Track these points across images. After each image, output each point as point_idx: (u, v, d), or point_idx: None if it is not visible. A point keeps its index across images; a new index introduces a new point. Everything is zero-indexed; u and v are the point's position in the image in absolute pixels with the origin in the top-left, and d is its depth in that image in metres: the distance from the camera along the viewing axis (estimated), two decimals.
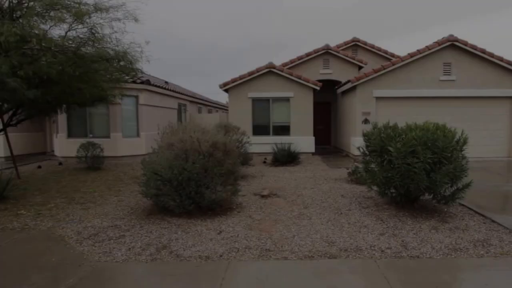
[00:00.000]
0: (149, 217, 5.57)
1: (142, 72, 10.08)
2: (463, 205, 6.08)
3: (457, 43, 11.81)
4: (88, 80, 7.79)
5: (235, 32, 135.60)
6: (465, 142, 5.48)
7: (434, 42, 12.01)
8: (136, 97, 12.79)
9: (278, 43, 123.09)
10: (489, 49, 11.90)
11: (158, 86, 14.22)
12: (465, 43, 11.80)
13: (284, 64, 15.38)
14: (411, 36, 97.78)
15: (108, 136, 12.47)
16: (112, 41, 7.54)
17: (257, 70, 13.78)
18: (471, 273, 3.71)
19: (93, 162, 10.59)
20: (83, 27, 7.20)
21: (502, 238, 4.55)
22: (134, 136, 12.97)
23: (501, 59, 11.92)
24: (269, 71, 13.79)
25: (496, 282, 3.43)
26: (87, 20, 7.01)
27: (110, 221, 5.47)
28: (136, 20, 7.50)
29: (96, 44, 7.39)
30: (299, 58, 15.60)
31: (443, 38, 11.97)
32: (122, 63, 7.96)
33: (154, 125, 9.46)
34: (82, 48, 7.33)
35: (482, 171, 9.79)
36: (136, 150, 12.76)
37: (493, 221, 5.25)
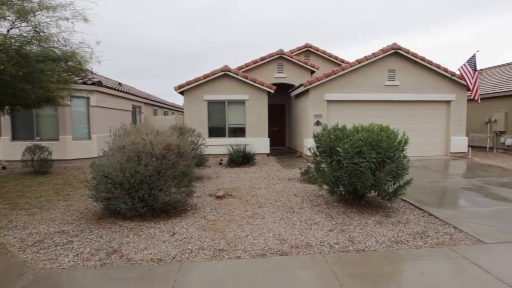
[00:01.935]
0: (99, 222, 5.43)
1: (92, 73, 9.72)
2: (405, 200, 6.57)
3: (400, 51, 12.66)
4: (33, 81, 7.37)
5: (192, 35, 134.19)
6: (406, 143, 5.91)
7: (379, 50, 12.78)
8: (87, 98, 12.26)
9: (234, 47, 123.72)
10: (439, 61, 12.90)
11: (111, 88, 13.74)
12: (407, 51, 12.68)
13: (240, 68, 15.56)
14: (360, 44, 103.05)
15: (57, 139, 11.85)
16: (59, 41, 7.21)
17: (213, 73, 13.80)
18: (410, 263, 3.98)
19: (40, 166, 10.01)
20: (27, 25, 6.82)
21: (438, 230, 4.99)
22: (85, 138, 12.43)
23: (438, 66, 12.97)
24: (224, 74, 13.88)
25: (432, 270, 3.75)
26: (32, 18, 6.66)
27: (57, 226, 5.26)
28: (85, 20, 7.25)
29: (42, 44, 7.03)
30: (254, 62, 15.85)
31: (387, 46, 12.79)
32: (70, 63, 7.63)
33: (107, 127, 9.14)
34: (26, 47, 6.94)
35: (422, 169, 10.59)
36: (88, 153, 12.25)
37: (430, 214, 5.74)
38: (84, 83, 11.77)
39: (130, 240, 4.66)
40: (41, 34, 6.96)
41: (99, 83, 12.52)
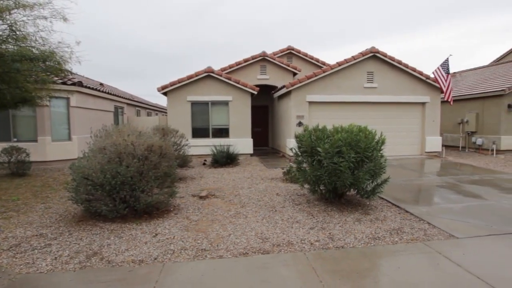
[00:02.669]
0: (79, 224, 5.35)
1: (72, 73, 9.55)
2: (382, 198, 6.77)
3: (378, 54, 13.02)
4: (9, 81, 7.20)
5: (176, 36, 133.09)
6: (383, 143, 6.10)
7: (358, 53, 13.09)
8: (67, 99, 12.00)
9: (218, 49, 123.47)
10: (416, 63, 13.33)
11: (92, 88, 13.50)
12: (385, 55, 13.05)
13: (223, 69, 15.60)
14: (340, 47, 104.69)
15: (35, 140, 11.55)
16: (37, 40, 7.07)
17: (196, 74, 13.77)
18: (387, 258, 4.13)
19: (17, 168, 9.74)
20: (3, 24, 6.66)
21: (413, 226, 5.18)
22: (65, 139, 12.16)
23: (414, 69, 13.42)
24: (208, 76, 13.88)
25: (407, 265, 3.90)
26: (7, 17, 6.51)
27: (35, 230, 5.15)
28: (64, 19, 7.13)
29: (18, 43, 6.88)
30: (238, 63, 15.91)
31: (366, 49, 13.12)
32: (48, 63, 7.48)
33: (88, 128, 9.00)
34: (1, 46, 6.77)
35: (399, 168, 10.90)
36: (68, 154, 11.99)
37: (406, 211, 5.95)
38: (64, 83, 11.52)
39: (111, 242, 4.62)
40: (18, 33, 6.81)
41: (80, 83, 12.29)
